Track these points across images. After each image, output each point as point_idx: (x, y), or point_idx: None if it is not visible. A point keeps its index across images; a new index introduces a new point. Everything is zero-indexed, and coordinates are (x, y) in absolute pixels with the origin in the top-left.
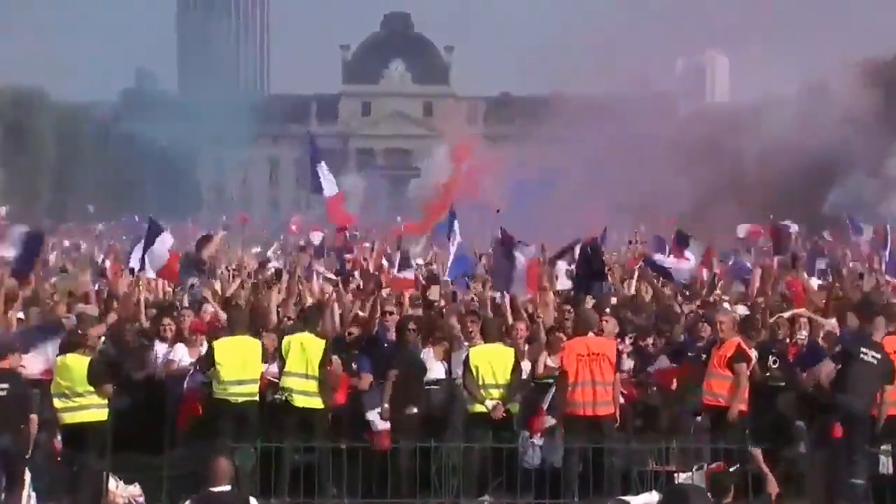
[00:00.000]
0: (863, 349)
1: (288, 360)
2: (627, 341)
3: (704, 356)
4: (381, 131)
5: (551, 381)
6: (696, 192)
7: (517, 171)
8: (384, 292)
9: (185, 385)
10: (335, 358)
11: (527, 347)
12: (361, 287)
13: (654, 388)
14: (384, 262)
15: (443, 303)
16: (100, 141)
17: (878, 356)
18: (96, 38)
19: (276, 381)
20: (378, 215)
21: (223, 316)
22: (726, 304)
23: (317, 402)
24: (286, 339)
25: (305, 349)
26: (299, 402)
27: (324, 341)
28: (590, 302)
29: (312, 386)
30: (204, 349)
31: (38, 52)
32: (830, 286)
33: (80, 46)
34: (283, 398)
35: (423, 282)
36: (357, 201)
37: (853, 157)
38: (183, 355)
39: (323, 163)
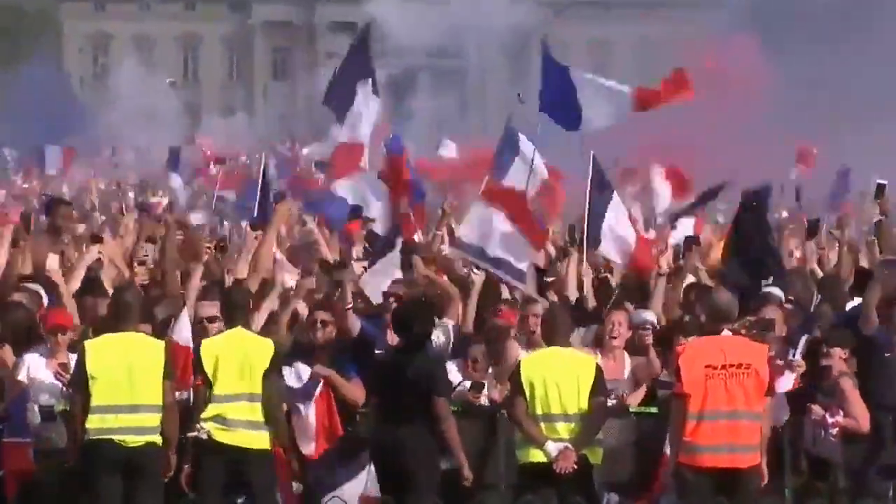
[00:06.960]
0: None
1: (217, 374)
2: (800, 345)
3: None
4: None
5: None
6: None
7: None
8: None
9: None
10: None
11: (628, 360)
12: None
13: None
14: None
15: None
16: None
17: None
18: None
19: None
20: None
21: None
22: None
23: (258, 440)
24: (206, 342)
25: (245, 355)
26: (226, 437)
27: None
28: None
29: (255, 412)
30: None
31: None
32: None
33: None
34: (203, 434)
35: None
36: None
37: None
38: (37, 370)
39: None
